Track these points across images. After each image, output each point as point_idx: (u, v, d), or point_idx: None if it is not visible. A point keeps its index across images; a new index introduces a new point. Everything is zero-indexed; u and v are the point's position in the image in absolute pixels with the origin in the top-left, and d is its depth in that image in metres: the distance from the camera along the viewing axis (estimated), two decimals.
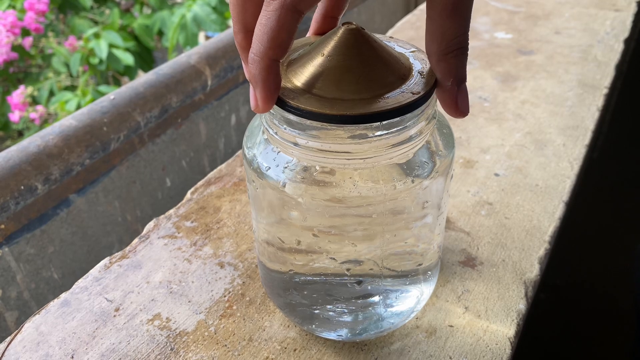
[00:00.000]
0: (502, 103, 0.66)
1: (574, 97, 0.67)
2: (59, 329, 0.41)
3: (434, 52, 0.31)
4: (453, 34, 0.29)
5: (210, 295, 0.43)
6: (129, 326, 0.41)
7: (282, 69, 0.34)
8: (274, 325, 0.41)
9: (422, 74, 0.33)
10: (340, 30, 0.32)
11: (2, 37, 1.54)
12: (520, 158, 0.58)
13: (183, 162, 0.73)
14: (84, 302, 0.43)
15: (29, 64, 1.65)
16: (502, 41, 0.79)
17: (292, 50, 0.36)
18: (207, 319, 0.42)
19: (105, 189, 0.63)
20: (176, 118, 0.69)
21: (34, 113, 1.49)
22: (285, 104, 0.31)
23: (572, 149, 0.59)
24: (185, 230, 0.49)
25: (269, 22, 0.28)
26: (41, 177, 0.55)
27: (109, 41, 1.53)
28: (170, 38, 1.54)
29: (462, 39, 0.30)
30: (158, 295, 0.43)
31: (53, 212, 0.58)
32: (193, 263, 0.46)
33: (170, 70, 0.69)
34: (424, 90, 0.32)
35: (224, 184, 0.54)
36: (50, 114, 1.53)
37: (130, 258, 0.47)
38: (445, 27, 0.29)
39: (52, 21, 1.66)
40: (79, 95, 1.45)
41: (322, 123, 0.31)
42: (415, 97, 0.31)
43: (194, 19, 1.56)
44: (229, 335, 0.40)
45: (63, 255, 0.60)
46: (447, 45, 0.30)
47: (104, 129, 0.61)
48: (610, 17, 0.84)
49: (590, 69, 0.72)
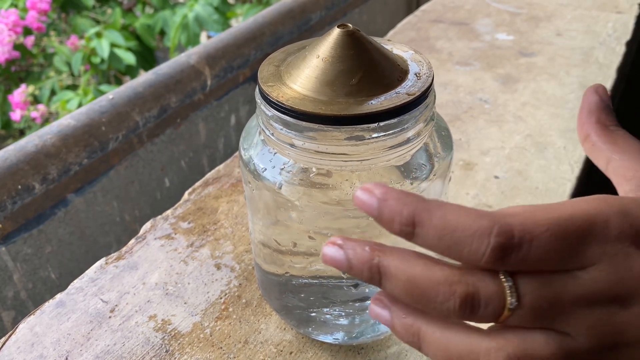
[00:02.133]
0: (503, 105, 0.66)
1: (575, 100, 0.67)
2: (54, 330, 0.41)
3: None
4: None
5: (206, 297, 0.43)
6: (124, 328, 0.41)
7: (278, 70, 0.34)
8: (270, 327, 0.41)
9: (419, 76, 0.33)
10: (336, 32, 0.32)
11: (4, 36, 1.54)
12: (521, 160, 0.57)
13: (182, 162, 0.72)
14: (79, 303, 0.43)
15: (30, 63, 1.65)
16: (503, 43, 0.79)
17: (288, 53, 0.35)
18: (203, 320, 0.41)
19: (103, 188, 0.63)
20: (175, 118, 0.69)
21: (35, 112, 1.49)
22: (280, 106, 0.31)
23: (573, 151, 0.59)
24: (182, 231, 0.49)
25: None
26: (39, 176, 0.55)
27: (110, 40, 1.53)
28: (172, 38, 1.53)
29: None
30: (154, 296, 0.43)
31: (51, 212, 0.58)
32: (189, 264, 0.46)
33: (170, 70, 0.69)
34: (420, 92, 0.31)
35: (221, 185, 0.54)
36: (51, 113, 1.53)
37: (126, 259, 0.46)
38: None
39: (54, 20, 1.66)
40: (80, 94, 1.45)
41: (317, 124, 0.30)
42: (411, 98, 0.31)
43: (196, 18, 1.56)
44: (225, 338, 0.40)
45: (60, 255, 0.60)
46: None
47: (102, 128, 0.60)
48: (612, 20, 0.83)
49: (592, 71, 0.72)
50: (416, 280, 0.23)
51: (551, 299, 0.23)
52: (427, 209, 0.23)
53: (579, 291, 0.23)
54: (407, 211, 0.23)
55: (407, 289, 0.23)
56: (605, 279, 0.23)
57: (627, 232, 0.23)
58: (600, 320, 0.23)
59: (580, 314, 0.23)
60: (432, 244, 0.23)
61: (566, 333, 0.23)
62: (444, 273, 0.23)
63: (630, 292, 0.23)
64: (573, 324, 0.23)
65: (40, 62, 1.64)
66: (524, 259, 0.22)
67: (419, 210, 0.23)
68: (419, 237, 0.23)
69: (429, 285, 0.23)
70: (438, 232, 0.23)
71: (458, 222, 0.22)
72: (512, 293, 0.22)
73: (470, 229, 0.22)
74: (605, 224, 0.23)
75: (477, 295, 0.23)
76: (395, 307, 0.25)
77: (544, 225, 0.22)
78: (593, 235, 0.23)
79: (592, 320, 0.23)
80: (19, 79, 1.65)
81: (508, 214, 0.23)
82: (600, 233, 0.23)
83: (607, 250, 0.23)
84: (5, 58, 1.53)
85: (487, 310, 0.23)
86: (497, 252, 0.22)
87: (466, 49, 0.77)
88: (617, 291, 0.23)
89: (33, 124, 1.52)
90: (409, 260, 0.24)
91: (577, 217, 0.23)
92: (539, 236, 0.22)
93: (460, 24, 0.83)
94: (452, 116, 0.64)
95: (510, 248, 0.22)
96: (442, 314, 0.23)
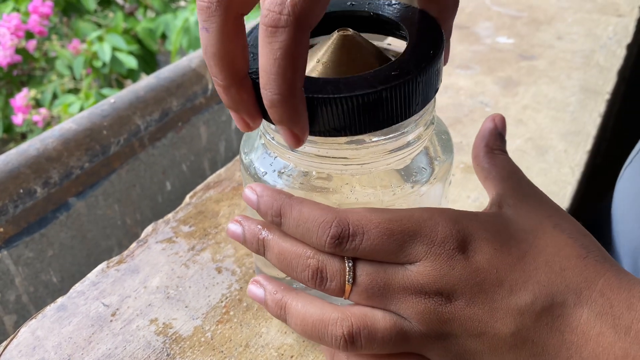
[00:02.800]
0: (504, 108, 0.66)
1: (575, 103, 0.67)
2: (55, 334, 0.41)
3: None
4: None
5: (207, 301, 0.43)
6: (126, 331, 0.41)
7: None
8: (270, 331, 0.41)
9: None
10: (335, 36, 0.32)
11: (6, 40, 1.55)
12: (521, 164, 0.57)
13: (183, 166, 0.72)
14: (80, 307, 0.43)
15: (32, 67, 1.65)
16: (504, 46, 0.79)
17: None
18: (204, 324, 0.41)
19: (105, 192, 0.63)
20: (177, 122, 0.69)
21: (37, 116, 1.49)
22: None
23: (574, 155, 0.59)
24: (183, 234, 0.49)
25: (286, 52, 0.24)
26: (40, 180, 0.55)
27: (112, 44, 1.53)
28: (173, 41, 1.54)
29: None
30: (155, 300, 0.43)
31: (52, 216, 0.58)
32: (190, 268, 0.46)
33: (171, 74, 0.69)
34: None
35: (223, 188, 0.54)
36: (53, 117, 1.53)
37: (127, 262, 0.47)
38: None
39: (56, 24, 1.67)
40: (82, 98, 1.46)
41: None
42: None
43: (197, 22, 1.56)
44: (226, 341, 0.40)
45: (62, 259, 0.60)
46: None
47: (104, 132, 0.61)
48: (613, 23, 0.83)
49: (593, 74, 0.72)
50: (284, 252, 0.30)
51: (382, 282, 0.28)
52: (290, 204, 0.29)
53: (407, 280, 0.28)
54: (276, 205, 0.29)
55: (278, 259, 0.30)
56: (430, 274, 0.27)
57: (453, 238, 0.28)
58: (427, 309, 0.28)
59: (409, 300, 0.28)
60: (293, 232, 0.29)
61: (401, 315, 0.28)
62: (304, 250, 0.29)
63: (453, 288, 0.27)
64: (404, 308, 0.28)
65: (42, 65, 1.65)
66: (357, 248, 0.28)
67: (284, 205, 0.29)
68: (284, 226, 0.29)
69: (292, 257, 0.29)
70: (295, 222, 0.29)
71: (310, 215, 0.28)
72: (349, 272, 0.28)
73: (317, 220, 0.28)
74: (434, 228, 0.28)
75: (324, 269, 0.28)
76: (267, 287, 0.31)
77: (375, 222, 0.28)
78: (421, 236, 0.28)
79: (421, 308, 0.28)
80: (20, 83, 1.65)
81: (350, 211, 0.28)
82: (427, 235, 0.28)
83: (432, 250, 0.28)
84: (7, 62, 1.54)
85: (332, 284, 0.29)
86: (334, 240, 0.28)
87: (467, 52, 0.77)
88: (440, 286, 0.27)
89: (35, 127, 1.52)
90: (284, 237, 0.30)
91: (406, 219, 0.28)
92: (370, 231, 0.28)
93: (461, 27, 0.83)
94: (453, 119, 0.64)
95: (345, 237, 0.28)
96: (302, 282, 0.29)
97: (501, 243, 0.28)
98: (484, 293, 0.27)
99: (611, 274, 0.28)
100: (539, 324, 0.27)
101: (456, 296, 0.27)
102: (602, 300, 0.27)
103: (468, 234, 0.28)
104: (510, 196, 0.31)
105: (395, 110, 0.28)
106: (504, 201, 0.31)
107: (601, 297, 0.27)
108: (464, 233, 0.28)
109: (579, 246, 0.29)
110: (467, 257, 0.28)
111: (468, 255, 0.28)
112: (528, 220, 0.30)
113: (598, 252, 0.29)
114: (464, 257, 0.28)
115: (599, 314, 0.27)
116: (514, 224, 0.30)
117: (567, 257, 0.28)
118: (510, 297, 0.27)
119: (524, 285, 0.27)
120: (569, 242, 0.29)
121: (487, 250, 0.28)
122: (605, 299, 0.27)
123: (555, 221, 0.30)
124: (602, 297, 0.27)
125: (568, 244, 0.29)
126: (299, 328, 0.30)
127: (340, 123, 0.28)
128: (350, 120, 0.28)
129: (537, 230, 0.29)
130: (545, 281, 0.27)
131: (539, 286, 0.27)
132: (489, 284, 0.27)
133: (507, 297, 0.27)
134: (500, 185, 0.33)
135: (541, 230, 0.29)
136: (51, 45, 1.61)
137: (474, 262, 0.28)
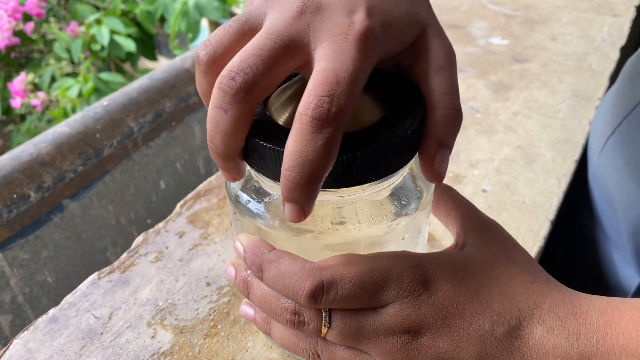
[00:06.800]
0: (494, 114, 0.66)
1: (566, 109, 0.67)
2: (47, 346, 0.42)
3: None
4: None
5: (195, 314, 0.44)
6: (115, 344, 0.42)
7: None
8: (256, 346, 0.42)
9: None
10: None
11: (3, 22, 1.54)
12: (509, 173, 0.58)
13: (177, 165, 0.73)
14: (72, 319, 0.44)
15: (30, 49, 1.65)
16: (497, 48, 0.79)
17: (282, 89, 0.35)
18: (192, 338, 0.43)
19: (99, 193, 0.64)
20: (170, 121, 0.70)
21: (36, 99, 1.49)
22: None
23: (562, 164, 0.59)
24: (173, 245, 0.50)
25: (328, 144, 0.27)
26: (34, 185, 0.56)
27: (110, 27, 1.53)
28: (172, 25, 1.53)
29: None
30: (145, 312, 0.44)
31: (46, 218, 0.59)
32: (180, 280, 0.47)
33: (165, 74, 0.69)
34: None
35: (213, 197, 0.55)
36: (51, 101, 1.53)
37: (118, 274, 0.48)
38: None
39: (54, 6, 1.66)
40: (80, 81, 1.46)
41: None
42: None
43: (196, 5, 1.55)
44: (213, 356, 0.41)
45: (57, 260, 0.61)
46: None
47: (97, 135, 0.61)
48: (608, 23, 0.83)
49: (585, 78, 0.72)
50: (265, 295, 0.33)
51: (355, 325, 0.31)
52: (268, 260, 0.32)
53: (378, 323, 0.31)
54: (258, 261, 0.32)
55: (260, 300, 0.33)
56: (398, 315, 0.30)
57: (417, 281, 0.31)
58: (395, 346, 0.31)
59: (379, 340, 0.31)
60: (272, 286, 0.32)
61: (368, 353, 0.32)
62: (284, 298, 0.32)
63: (419, 325, 0.30)
64: (373, 347, 0.31)
65: (40, 48, 1.64)
66: (332, 300, 0.30)
67: (264, 261, 0.32)
68: (265, 280, 0.32)
69: (272, 300, 0.32)
70: (274, 278, 0.32)
71: (286, 272, 0.31)
72: (326, 317, 0.31)
73: (293, 277, 0.31)
74: (400, 275, 0.31)
75: (301, 314, 0.32)
76: (257, 307, 0.35)
77: (348, 277, 0.30)
78: (389, 283, 0.30)
79: (389, 346, 0.31)
80: (18, 65, 1.65)
81: (324, 266, 0.31)
82: (395, 281, 0.30)
83: (400, 294, 0.30)
84: (5, 44, 1.54)
85: (310, 327, 0.32)
86: (309, 296, 0.30)
87: (460, 54, 0.77)
88: (407, 324, 0.30)
89: (34, 110, 1.53)
90: (262, 287, 0.33)
91: (375, 270, 0.31)
92: (344, 285, 0.30)
93: (455, 27, 0.83)
94: None
95: (319, 294, 0.30)
96: (281, 323, 0.33)
97: (459, 279, 0.31)
98: (447, 326, 0.30)
99: (556, 292, 0.32)
100: (499, 348, 0.30)
101: (422, 332, 0.30)
102: (550, 316, 0.31)
103: (430, 275, 0.31)
104: (471, 237, 0.35)
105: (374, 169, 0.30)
106: (466, 242, 0.35)
107: (549, 314, 0.31)
108: (426, 276, 0.31)
109: (527, 274, 0.33)
110: (430, 296, 0.31)
111: (431, 294, 0.31)
112: (484, 255, 0.33)
113: (544, 277, 0.33)
114: (428, 296, 0.31)
115: (550, 328, 0.30)
116: (471, 260, 0.33)
117: (517, 285, 0.32)
118: (471, 326, 0.30)
119: (482, 314, 0.31)
120: (519, 272, 0.33)
121: (447, 288, 0.31)
122: (553, 315, 0.31)
123: (507, 254, 0.34)
124: (551, 313, 0.31)
125: (518, 273, 0.32)
126: (279, 342, 0.35)
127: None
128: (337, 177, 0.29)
129: (492, 263, 0.33)
130: (500, 308, 0.31)
131: (495, 313, 0.31)
132: (451, 317, 0.30)
133: (468, 326, 0.30)
134: (461, 225, 0.36)
135: (495, 263, 0.33)
136: (49, 27, 1.60)
137: (436, 299, 0.31)
